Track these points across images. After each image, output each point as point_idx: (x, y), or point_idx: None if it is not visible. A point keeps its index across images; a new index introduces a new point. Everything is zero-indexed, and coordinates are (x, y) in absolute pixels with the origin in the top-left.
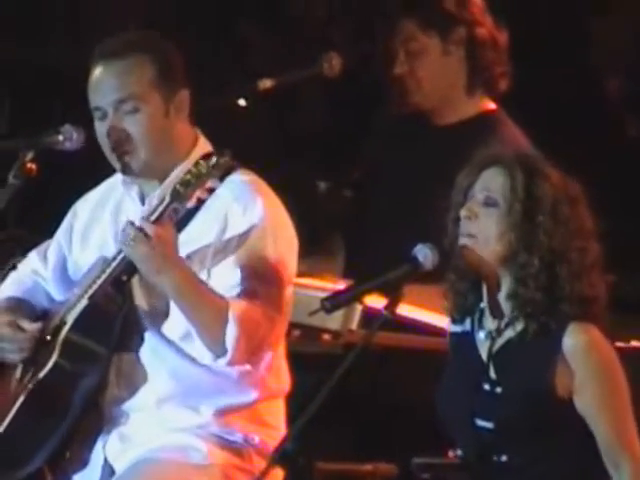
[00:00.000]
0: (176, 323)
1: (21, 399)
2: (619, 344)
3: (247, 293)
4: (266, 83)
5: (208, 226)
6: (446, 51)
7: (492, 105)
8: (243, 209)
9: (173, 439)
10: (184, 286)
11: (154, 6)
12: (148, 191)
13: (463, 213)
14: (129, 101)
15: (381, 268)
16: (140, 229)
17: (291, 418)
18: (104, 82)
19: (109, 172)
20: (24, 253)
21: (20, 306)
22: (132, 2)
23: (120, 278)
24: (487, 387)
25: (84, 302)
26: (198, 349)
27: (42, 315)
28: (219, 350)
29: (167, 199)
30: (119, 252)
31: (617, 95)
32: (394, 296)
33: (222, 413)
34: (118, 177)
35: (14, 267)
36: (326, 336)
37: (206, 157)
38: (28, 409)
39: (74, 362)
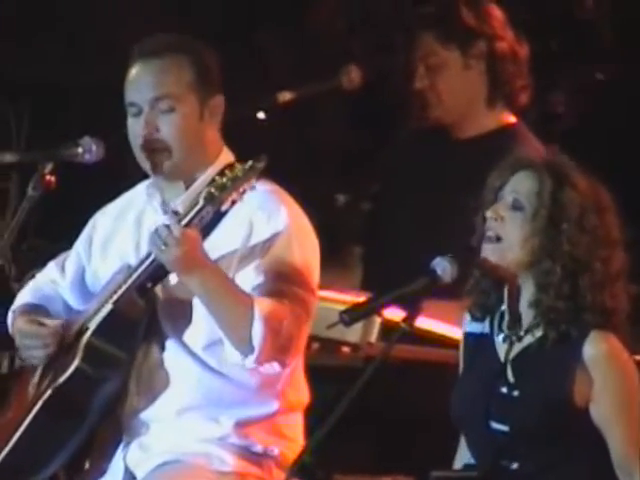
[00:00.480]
0: (199, 333)
1: (40, 403)
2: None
3: (274, 293)
4: (285, 96)
5: (233, 232)
6: (466, 65)
7: (512, 119)
8: (267, 217)
9: (195, 448)
10: (211, 285)
11: (174, 20)
12: (171, 198)
13: (489, 214)
14: (165, 100)
15: (399, 281)
16: (170, 231)
17: (310, 431)
18: (142, 79)
19: (127, 185)
20: (44, 263)
21: (37, 311)
22: (150, 18)
23: (145, 285)
24: (504, 390)
25: (108, 307)
26: (227, 349)
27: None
28: (246, 348)
29: (201, 202)
30: (145, 258)
31: None
32: (413, 309)
33: (242, 425)
34: (138, 189)
35: (33, 277)
36: (345, 349)
37: (231, 167)
38: (47, 413)
39: (96, 367)
